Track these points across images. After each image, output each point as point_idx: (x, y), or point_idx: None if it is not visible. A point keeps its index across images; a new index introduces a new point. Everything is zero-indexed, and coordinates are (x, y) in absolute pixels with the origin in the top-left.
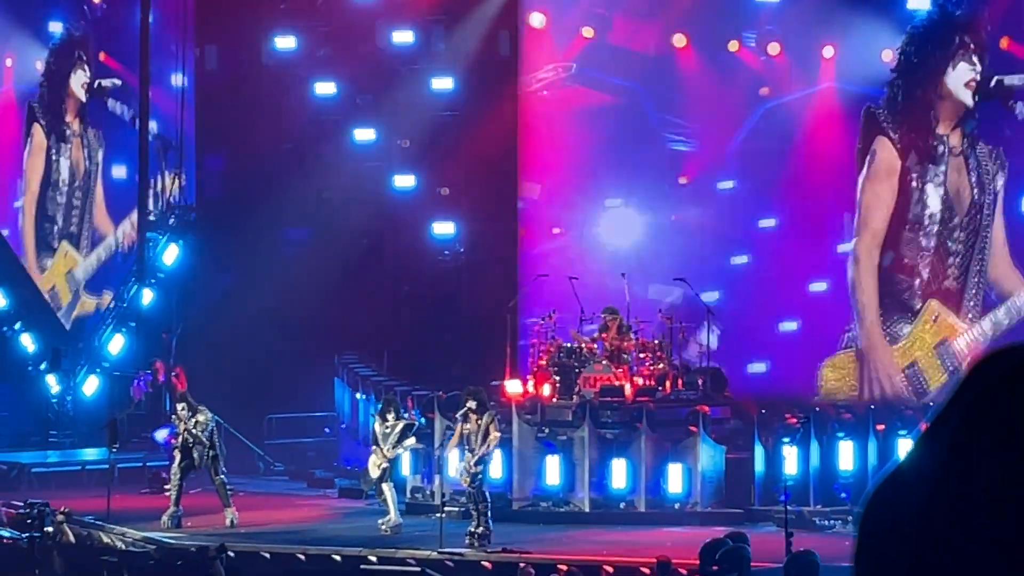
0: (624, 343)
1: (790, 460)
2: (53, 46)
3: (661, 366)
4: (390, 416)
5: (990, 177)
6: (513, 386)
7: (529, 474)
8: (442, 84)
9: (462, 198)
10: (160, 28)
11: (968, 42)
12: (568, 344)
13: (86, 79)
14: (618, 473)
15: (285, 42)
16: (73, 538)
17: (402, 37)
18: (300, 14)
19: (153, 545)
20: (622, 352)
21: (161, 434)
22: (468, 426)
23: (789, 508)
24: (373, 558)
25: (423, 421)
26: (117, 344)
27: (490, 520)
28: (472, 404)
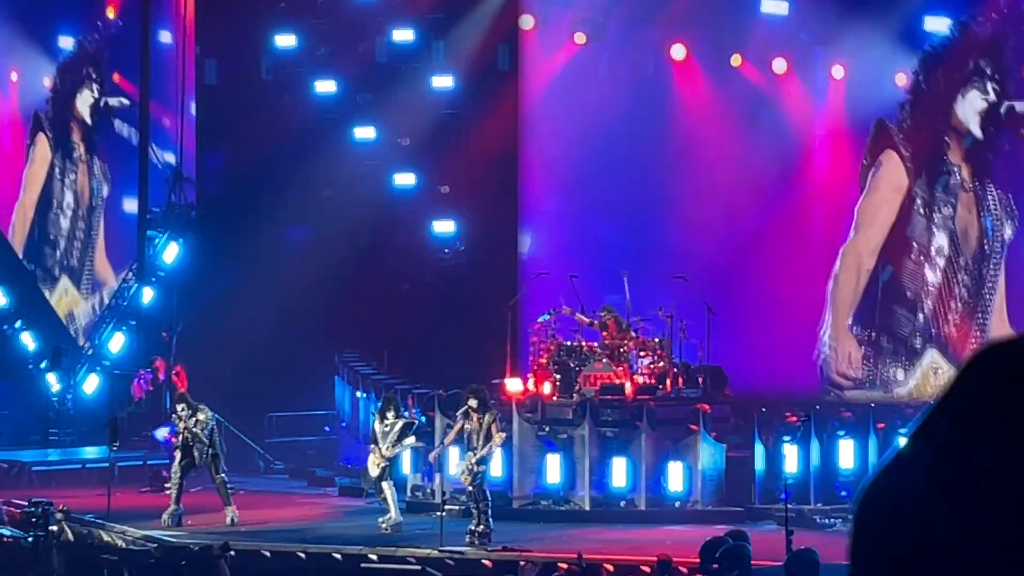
0: (624, 341)
1: (790, 458)
2: (63, 60)
3: (661, 364)
4: (389, 414)
5: (999, 224)
6: (513, 384)
7: (529, 472)
8: (442, 82)
9: (462, 196)
10: (171, 45)
11: (984, 67)
12: (568, 343)
13: (93, 98)
14: (618, 471)
15: (285, 41)
16: (72, 536)
17: (402, 36)
18: (300, 13)
19: (154, 543)
20: (622, 350)
21: (161, 432)
22: (469, 425)
23: (789, 506)
24: (374, 556)
25: (423, 419)
26: (117, 342)
27: (491, 518)
28: (473, 403)
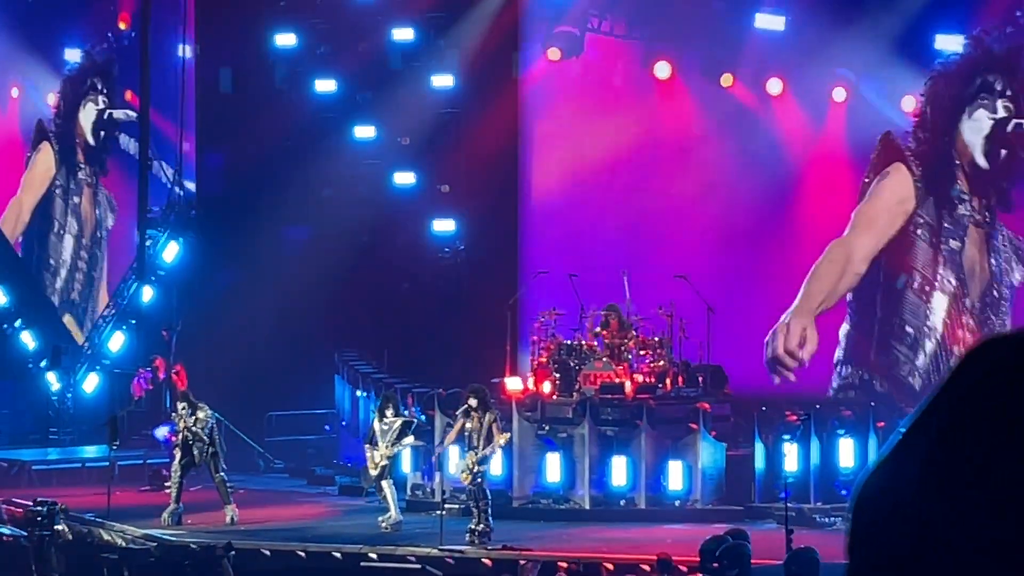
0: (625, 340)
1: (790, 457)
2: (69, 70)
3: (661, 363)
4: (388, 413)
5: (1009, 268)
6: (513, 383)
7: (529, 471)
8: (442, 81)
9: (462, 195)
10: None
11: (994, 83)
12: (568, 342)
13: (97, 110)
14: (618, 470)
15: (285, 39)
16: (71, 535)
17: (402, 34)
18: (300, 11)
19: (153, 542)
20: (622, 349)
21: (161, 431)
22: (469, 424)
23: (789, 505)
24: (373, 555)
25: (423, 418)
26: (117, 341)
27: (490, 517)
28: (473, 402)
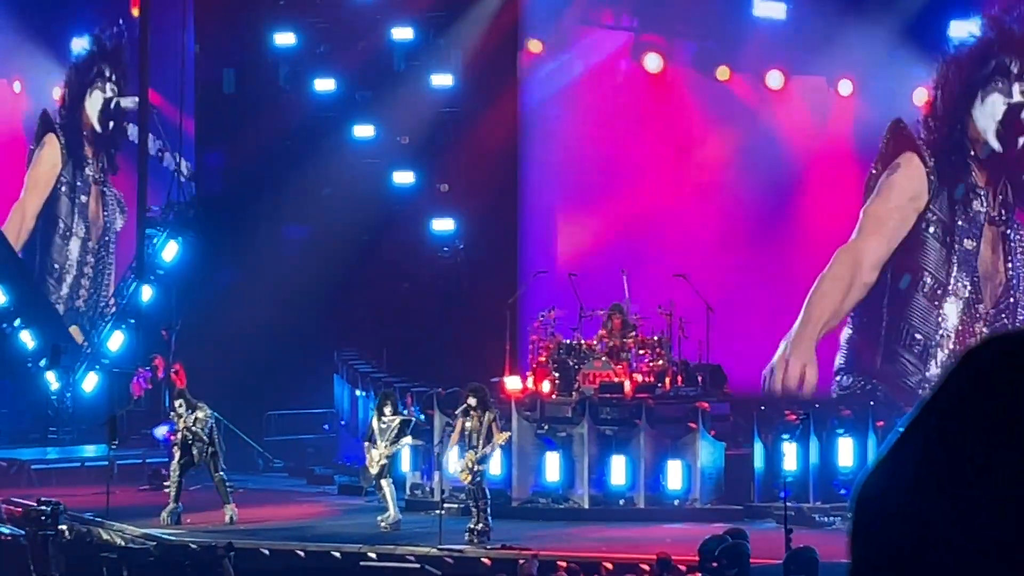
0: (625, 340)
1: (790, 456)
2: (76, 57)
3: (661, 362)
4: (387, 411)
5: None
6: (513, 383)
7: (528, 471)
8: (442, 80)
9: (462, 195)
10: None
11: (1011, 65)
12: (568, 341)
13: (104, 98)
14: (617, 470)
15: (285, 38)
16: (69, 535)
17: (402, 33)
18: (300, 10)
19: (153, 542)
20: (622, 349)
21: (160, 431)
22: (469, 423)
23: (789, 505)
24: (373, 555)
25: (422, 417)
26: (116, 341)
27: (490, 517)
28: (472, 401)
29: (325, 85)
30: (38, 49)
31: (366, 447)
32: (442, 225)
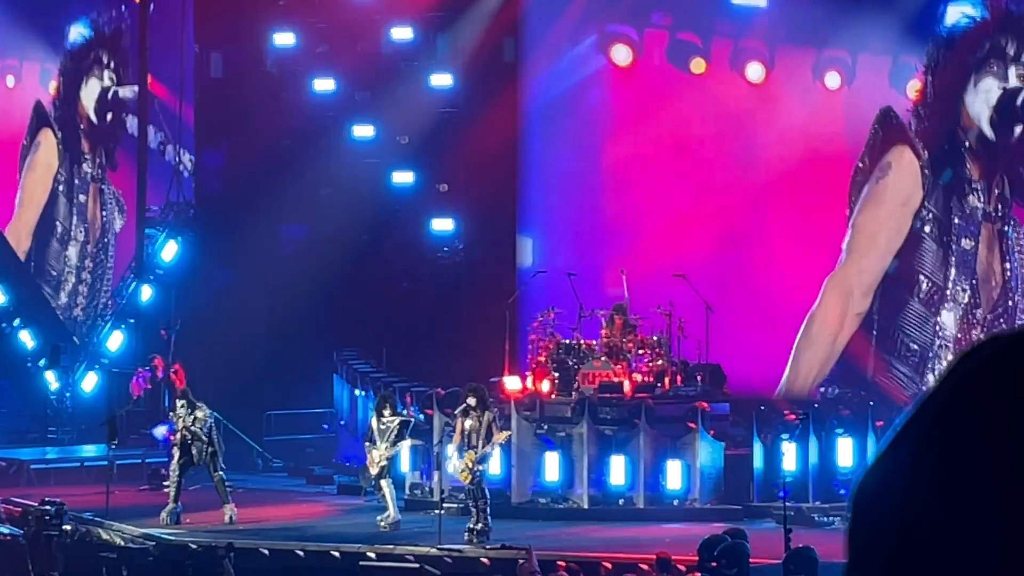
0: (625, 340)
1: (789, 456)
2: (71, 47)
3: (660, 362)
4: (386, 412)
5: (1022, 268)
6: (512, 382)
7: (528, 471)
8: (441, 81)
9: (461, 195)
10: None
11: (1007, 47)
12: (567, 341)
13: (101, 87)
14: (617, 470)
15: (284, 39)
16: (73, 535)
17: (401, 34)
18: (299, 11)
19: (152, 541)
20: (622, 349)
21: (160, 431)
22: (469, 422)
23: (788, 504)
24: (372, 554)
25: (421, 417)
26: (116, 341)
27: (489, 517)
28: (472, 401)
29: (324, 85)
30: (31, 36)
31: (367, 447)
32: (441, 225)
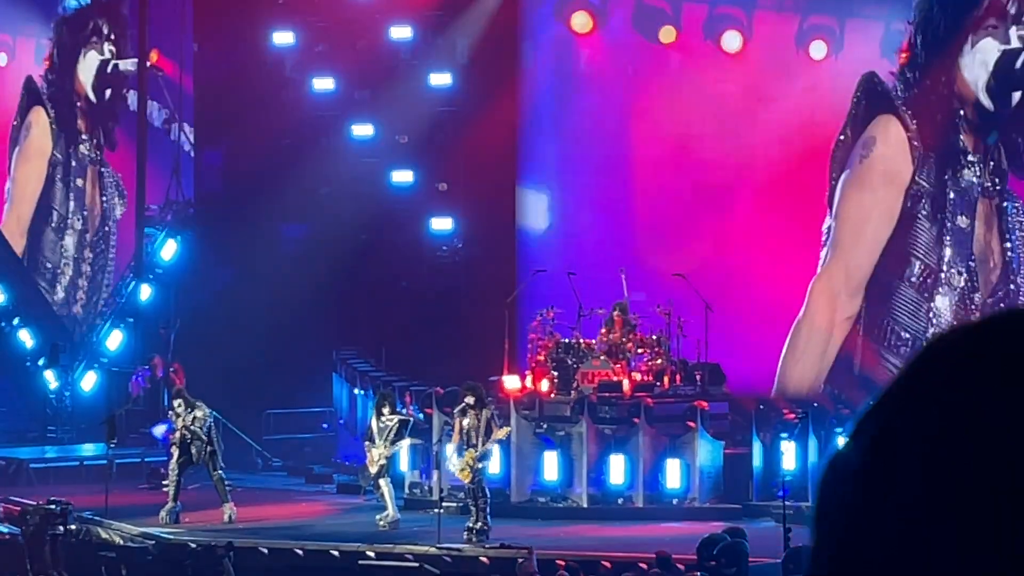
0: (624, 339)
1: (788, 455)
2: (65, 12)
3: (659, 361)
4: (385, 411)
5: (1022, 246)
6: (511, 381)
7: (527, 470)
8: (440, 80)
9: (460, 194)
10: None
11: (1007, 6)
12: (566, 340)
13: (100, 60)
14: (616, 469)
15: (283, 37)
16: (79, 535)
17: (401, 32)
18: (298, 9)
19: (151, 540)
20: (621, 348)
21: (159, 430)
22: (467, 421)
23: (787, 503)
24: (371, 554)
25: (420, 417)
26: (115, 340)
27: (488, 516)
28: (470, 399)
29: (324, 84)
30: (25, 8)
31: (366, 447)
32: (441, 224)
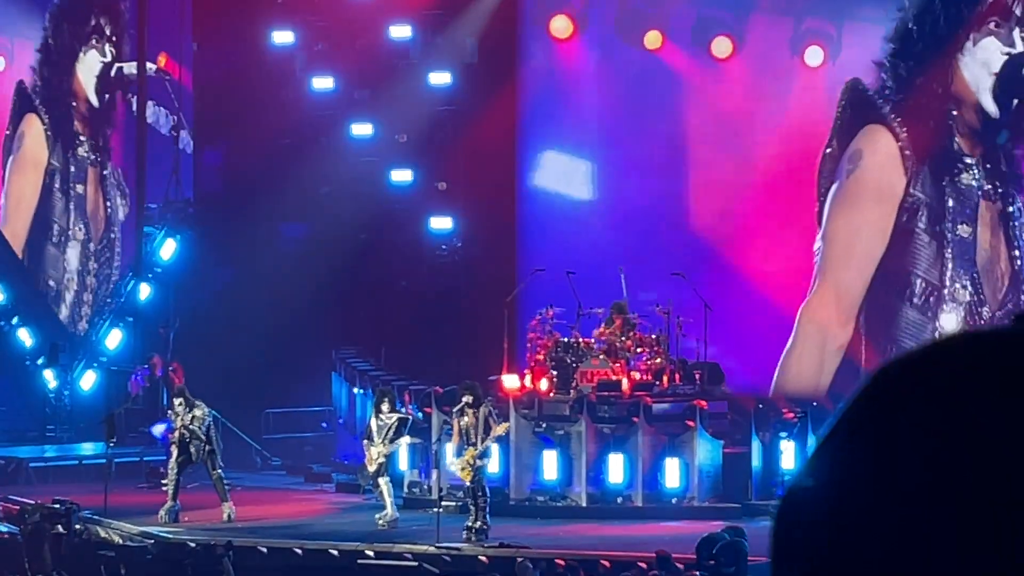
0: (623, 338)
1: (787, 454)
2: (60, 3)
3: (659, 360)
4: (384, 409)
5: None
6: (510, 381)
7: (526, 469)
8: (440, 79)
9: (460, 193)
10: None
11: (1012, 3)
12: (566, 339)
13: (102, 62)
14: (615, 468)
15: (283, 36)
16: (82, 535)
17: (400, 32)
18: (298, 8)
19: (151, 540)
20: (620, 347)
21: (158, 429)
22: (466, 420)
23: None
24: (370, 553)
25: (420, 415)
26: (115, 339)
27: (488, 515)
28: (468, 399)
29: (323, 83)
30: (24, 9)
31: (365, 445)
32: (440, 223)
